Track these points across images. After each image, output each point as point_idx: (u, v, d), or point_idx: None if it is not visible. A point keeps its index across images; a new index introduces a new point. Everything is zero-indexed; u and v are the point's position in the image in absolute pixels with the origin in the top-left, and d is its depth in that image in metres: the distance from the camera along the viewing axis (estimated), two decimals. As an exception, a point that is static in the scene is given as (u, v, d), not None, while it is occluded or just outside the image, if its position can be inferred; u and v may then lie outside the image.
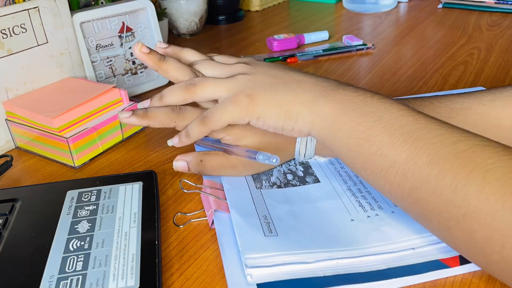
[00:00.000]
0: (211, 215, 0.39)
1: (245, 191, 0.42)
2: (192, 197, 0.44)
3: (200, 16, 0.91)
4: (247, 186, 0.42)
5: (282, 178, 0.44)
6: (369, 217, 0.38)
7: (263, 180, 0.44)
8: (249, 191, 0.42)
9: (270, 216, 0.38)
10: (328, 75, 0.70)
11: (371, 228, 0.36)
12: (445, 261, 0.34)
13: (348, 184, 0.43)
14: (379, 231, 0.36)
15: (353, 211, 0.39)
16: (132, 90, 0.66)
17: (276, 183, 0.43)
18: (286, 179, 0.44)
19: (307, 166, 0.46)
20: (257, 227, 0.37)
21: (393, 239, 0.35)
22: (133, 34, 0.65)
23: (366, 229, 0.36)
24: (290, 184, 0.43)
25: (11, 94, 0.52)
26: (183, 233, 0.39)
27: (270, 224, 0.37)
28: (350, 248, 0.34)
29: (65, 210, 0.39)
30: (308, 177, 0.44)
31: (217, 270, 0.35)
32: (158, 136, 0.55)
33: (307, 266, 0.33)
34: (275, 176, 0.44)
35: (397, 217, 0.37)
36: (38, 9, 0.52)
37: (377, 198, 0.40)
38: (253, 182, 0.43)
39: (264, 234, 0.36)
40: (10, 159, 0.49)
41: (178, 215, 0.41)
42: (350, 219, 0.38)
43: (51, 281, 0.32)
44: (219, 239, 0.37)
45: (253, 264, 0.33)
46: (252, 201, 0.40)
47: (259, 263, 0.33)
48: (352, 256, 0.34)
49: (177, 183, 0.46)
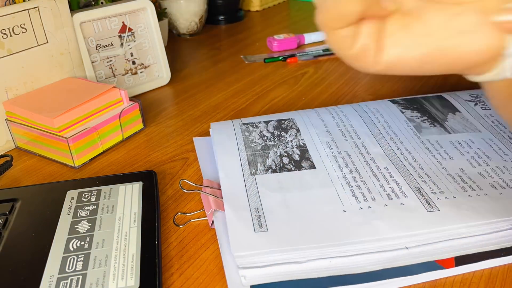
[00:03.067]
0: (211, 215, 0.39)
1: (239, 179, 0.41)
2: (192, 197, 0.44)
3: (200, 16, 0.91)
4: (242, 174, 0.42)
5: (278, 161, 0.44)
6: (361, 209, 0.37)
7: (259, 163, 0.43)
8: (243, 179, 0.41)
9: (262, 207, 0.38)
10: (328, 75, 0.70)
11: (362, 221, 0.36)
12: (440, 262, 0.33)
13: (343, 172, 0.42)
14: (370, 225, 0.35)
15: (346, 202, 0.38)
16: (132, 90, 0.66)
17: (271, 166, 0.43)
18: (282, 162, 0.44)
19: (304, 150, 0.45)
20: (248, 222, 0.36)
21: (383, 235, 0.34)
22: (133, 34, 0.65)
23: (357, 222, 0.36)
24: (285, 168, 0.43)
25: (11, 94, 0.52)
26: (183, 233, 0.39)
27: (261, 218, 0.37)
28: (341, 243, 0.34)
29: (65, 210, 0.39)
30: (304, 162, 0.44)
31: (217, 270, 0.35)
32: (158, 136, 0.55)
33: (300, 267, 0.33)
34: (271, 159, 0.44)
35: (389, 211, 0.37)
36: (38, 9, 0.52)
37: (372, 190, 0.39)
38: (248, 166, 0.43)
39: (254, 230, 0.35)
40: (10, 159, 0.49)
41: (178, 215, 0.41)
42: (342, 210, 0.37)
43: (51, 281, 0.32)
44: (219, 239, 0.37)
45: (244, 263, 0.33)
46: (246, 191, 0.40)
47: (249, 262, 0.33)
48: (345, 255, 0.33)
49: (177, 183, 0.46)
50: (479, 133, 0.48)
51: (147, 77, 0.68)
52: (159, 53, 0.68)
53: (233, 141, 0.47)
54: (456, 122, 0.50)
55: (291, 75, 0.71)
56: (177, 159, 0.50)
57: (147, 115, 0.60)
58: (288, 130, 0.49)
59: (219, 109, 0.61)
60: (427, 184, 0.40)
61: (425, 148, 0.45)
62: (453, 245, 0.34)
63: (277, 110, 0.60)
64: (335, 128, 0.49)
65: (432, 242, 0.34)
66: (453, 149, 0.45)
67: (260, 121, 0.51)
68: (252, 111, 0.60)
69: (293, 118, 0.51)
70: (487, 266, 0.34)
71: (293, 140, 0.47)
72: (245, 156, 0.44)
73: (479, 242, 0.35)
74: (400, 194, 0.38)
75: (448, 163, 0.43)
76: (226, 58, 0.81)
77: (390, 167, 0.42)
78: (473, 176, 0.41)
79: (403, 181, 0.40)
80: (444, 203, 0.37)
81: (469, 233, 0.35)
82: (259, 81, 0.70)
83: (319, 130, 0.49)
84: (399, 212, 0.36)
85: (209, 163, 0.48)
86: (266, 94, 0.65)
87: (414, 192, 0.39)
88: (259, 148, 0.46)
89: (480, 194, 0.38)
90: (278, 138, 0.47)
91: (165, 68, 0.69)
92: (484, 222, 0.35)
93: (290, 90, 0.66)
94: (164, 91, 0.68)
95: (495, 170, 0.42)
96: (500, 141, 0.46)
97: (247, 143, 0.46)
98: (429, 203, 0.37)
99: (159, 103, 0.64)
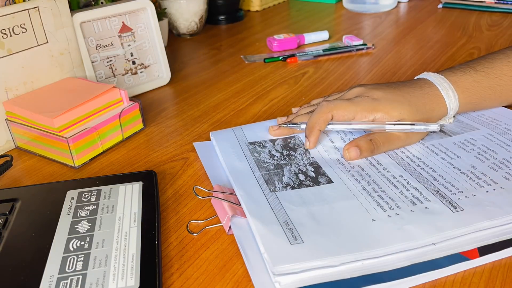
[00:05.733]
0: (227, 221, 0.39)
1: (259, 196, 0.41)
2: (193, 196, 0.44)
3: (200, 16, 0.91)
4: (261, 190, 0.42)
5: (294, 178, 0.44)
6: (389, 217, 0.38)
7: (276, 181, 0.43)
8: (264, 195, 0.41)
9: (291, 221, 0.38)
10: (328, 75, 0.70)
11: (394, 228, 0.36)
12: (465, 254, 0.34)
13: (362, 184, 0.42)
14: (402, 230, 0.36)
15: (373, 211, 0.38)
16: (132, 90, 0.66)
17: (289, 183, 0.43)
18: (299, 179, 0.44)
19: (317, 166, 0.46)
20: (281, 235, 0.36)
21: (416, 239, 0.35)
22: (133, 34, 0.65)
23: (389, 229, 0.36)
24: (303, 184, 0.43)
25: (11, 94, 0.52)
26: (183, 233, 0.39)
27: (293, 231, 0.37)
28: (376, 249, 0.34)
29: (65, 210, 0.39)
30: (320, 178, 0.44)
31: (217, 270, 0.35)
32: (158, 136, 0.55)
33: (334, 270, 0.33)
34: (287, 177, 0.44)
35: (417, 216, 0.37)
36: (38, 9, 0.52)
37: (394, 198, 0.40)
38: (266, 185, 0.43)
39: (289, 242, 0.35)
40: (10, 159, 0.49)
41: (192, 222, 0.40)
42: (371, 219, 0.38)
43: (51, 281, 0.32)
44: (240, 245, 0.37)
45: (279, 271, 0.33)
46: (269, 206, 0.40)
47: (287, 270, 0.33)
48: (377, 256, 0.34)
49: (177, 183, 0.46)
50: (478, 130, 0.50)
51: (147, 77, 0.68)
52: (159, 53, 0.68)
53: (245, 163, 0.46)
54: (453, 125, 0.51)
55: (291, 75, 0.71)
56: (177, 159, 0.50)
57: (147, 115, 0.60)
58: (296, 149, 0.49)
59: (219, 109, 0.61)
60: (445, 186, 0.41)
61: (432, 152, 0.46)
62: (476, 237, 0.36)
63: (277, 110, 0.60)
64: (342, 144, 0.49)
65: (457, 236, 0.35)
66: (458, 149, 0.46)
67: (266, 140, 0.51)
68: (252, 111, 0.60)
69: (298, 136, 0.51)
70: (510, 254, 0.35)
71: (303, 158, 0.47)
72: (260, 176, 0.44)
73: (498, 232, 0.36)
74: (422, 199, 0.39)
75: (458, 162, 0.44)
76: (226, 58, 0.81)
77: (405, 175, 0.43)
78: (485, 170, 0.43)
79: (421, 186, 0.41)
80: (466, 202, 0.38)
81: (491, 225, 0.36)
82: (259, 81, 0.70)
83: (327, 147, 0.49)
84: (426, 215, 0.37)
85: (213, 167, 0.48)
86: (266, 94, 0.65)
87: (434, 195, 0.40)
88: (272, 167, 0.46)
89: (497, 189, 0.40)
90: (288, 157, 0.47)
91: (165, 68, 0.69)
92: (506, 215, 0.37)
93: (290, 90, 0.66)
94: (164, 91, 0.68)
95: (503, 162, 0.44)
96: (499, 134, 0.48)
97: (259, 164, 0.46)
98: (452, 204, 0.38)
99: (159, 103, 0.64)
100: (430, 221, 0.37)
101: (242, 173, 0.44)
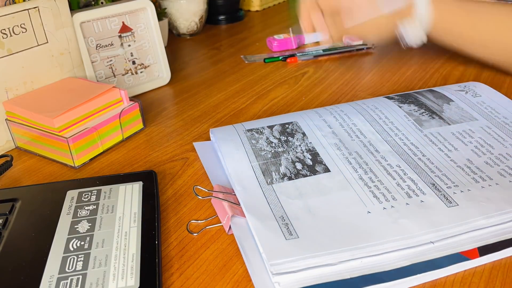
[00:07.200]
0: (227, 221, 0.39)
1: (257, 190, 0.41)
2: (192, 196, 0.44)
3: (200, 16, 0.91)
4: (258, 184, 0.42)
5: (291, 167, 0.44)
6: (385, 209, 0.38)
7: (273, 171, 0.43)
8: (261, 189, 0.41)
9: (287, 216, 0.38)
10: (328, 75, 0.70)
11: (389, 221, 0.36)
12: (465, 254, 0.34)
13: (358, 173, 0.42)
14: (397, 224, 0.36)
15: (369, 203, 0.39)
16: (132, 90, 0.66)
17: (286, 174, 0.43)
18: (296, 168, 0.43)
19: (314, 153, 0.45)
20: (277, 231, 0.36)
21: (411, 233, 0.35)
22: (133, 34, 0.65)
23: (384, 222, 0.36)
24: (300, 174, 0.43)
25: (11, 94, 0.52)
26: (183, 233, 0.39)
27: (289, 226, 0.37)
28: (371, 244, 0.34)
29: (65, 210, 0.39)
30: (317, 166, 0.44)
31: (217, 270, 0.35)
32: (158, 136, 0.55)
33: (332, 269, 0.33)
34: (284, 166, 0.44)
35: (412, 209, 0.37)
36: (38, 9, 0.52)
37: (390, 189, 0.40)
38: (263, 176, 0.43)
39: (285, 238, 0.35)
40: (10, 159, 0.49)
41: (192, 222, 0.40)
42: (366, 211, 0.38)
43: (51, 281, 0.32)
44: (240, 245, 0.37)
45: (279, 270, 0.33)
46: (266, 201, 0.40)
47: (284, 269, 0.33)
48: (375, 253, 0.34)
49: (177, 183, 0.46)
50: (476, 121, 0.50)
51: (147, 77, 0.68)
52: (159, 53, 0.68)
53: (242, 151, 0.46)
54: (453, 112, 0.51)
55: (291, 75, 0.71)
56: (177, 159, 0.50)
57: (147, 115, 0.60)
58: (294, 135, 0.49)
59: (219, 109, 0.61)
60: (441, 179, 0.41)
61: (430, 142, 0.46)
62: (474, 236, 0.36)
63: (277, 110, 0.60)
64: (340, 129, 0.49)
65: (455, 235, 0.35)
66: (456, 140, 0.47)
67: (264, 126, 0.50)
68: (252, 111, 0.60)
69: (296, 121, 0.51)
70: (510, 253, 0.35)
71: (301, 144, 0.47)
72: (257, 166, 0.44)
73: (498, 231, 0.36)
74: (418, 192, 0.39)
75: (454, 154, 0.44)
76: (226, 58, 0.81)
77: (402, 164, 0.43)
78: (480, 166, 0.43)
79: (418, 177, 0.41)
80: (461, 197, 0.38)
81: (487, 224, 0.36)
82: (259, 81, 0.70)
83: (325, 132, 0.49)
84: (421, 209, 0.37)
85: (214, 167, 0.48)
86: (266, 94, 0.65)
87: (430, 188, 0.40)
88: (269, 156, 0.45)
89: (492, 184, 0.40)
90: (286, 143, 0.47)
91: (165, 68, 0.69)
92: (500, 212, 0.37)
93: (290, 90, 0.66)
94: (164, 91, 0.68)
95: (499, 157, 0.44)
96: (497, 128, 0.49)
97: (256, 151, 0.46)
98: (447, 199, 0.38)
99: (159, 103, 0.64)
100: (425, 215, 0.37)
101: (239, 165, 0.44)
